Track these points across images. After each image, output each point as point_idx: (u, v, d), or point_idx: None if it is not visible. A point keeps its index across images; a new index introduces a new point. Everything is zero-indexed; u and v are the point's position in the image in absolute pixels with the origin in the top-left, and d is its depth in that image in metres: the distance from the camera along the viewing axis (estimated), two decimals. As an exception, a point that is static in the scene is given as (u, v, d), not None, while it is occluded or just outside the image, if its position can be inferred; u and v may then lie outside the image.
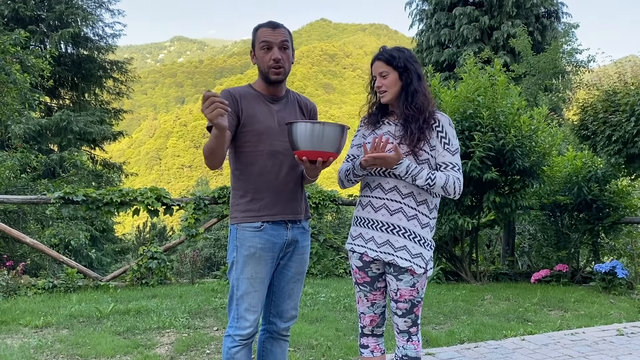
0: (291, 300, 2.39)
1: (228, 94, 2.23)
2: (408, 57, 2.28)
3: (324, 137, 2.03)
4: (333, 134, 2.04)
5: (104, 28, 19.34)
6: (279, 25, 2.24)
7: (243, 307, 2.23)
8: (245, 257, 2.22)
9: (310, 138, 2.03)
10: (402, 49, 2.32)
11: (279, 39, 2.20)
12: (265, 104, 2.29)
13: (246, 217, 2.24)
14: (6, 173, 10.04)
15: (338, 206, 7.80)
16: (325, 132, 2.03)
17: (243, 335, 2.23)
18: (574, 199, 7.09)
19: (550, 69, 14.21)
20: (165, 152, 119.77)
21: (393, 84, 2.27)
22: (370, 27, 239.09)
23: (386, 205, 2.27)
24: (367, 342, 2.43)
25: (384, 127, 2.35)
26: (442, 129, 2.26)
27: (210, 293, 5.72)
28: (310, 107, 2.45)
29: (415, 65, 2.28)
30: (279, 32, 2.21)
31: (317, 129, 2.03)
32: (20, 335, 4.04)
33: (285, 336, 2.45)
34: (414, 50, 20.77)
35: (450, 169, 2.24)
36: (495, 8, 18.24)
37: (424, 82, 2.31)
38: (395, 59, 2.26)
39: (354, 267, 2.40)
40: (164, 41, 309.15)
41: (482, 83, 6.49)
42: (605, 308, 5.35)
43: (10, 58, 9.32)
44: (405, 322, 2.30)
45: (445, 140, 2.25)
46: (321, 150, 2.04)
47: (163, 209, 6.66)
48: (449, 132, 2.27)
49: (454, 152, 2.26)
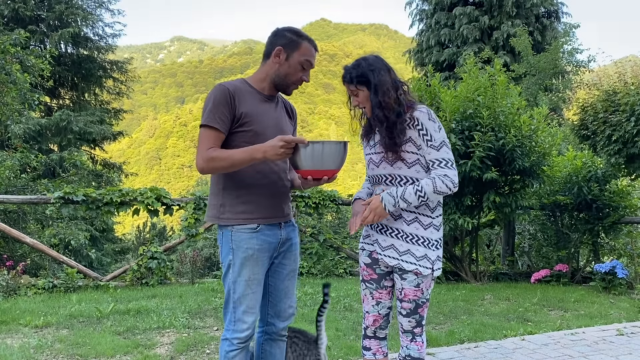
0: (288, 298, 2.39)
1: (226, 91, 2.15)
2: (365, 68, 2.23)
3: (324, 155, 2.07)
4: (334, 152, 2.10)
5: (104, 28, 19.36)
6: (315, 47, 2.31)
7: (241, 310, 2.20)
8: (243, 259, 2.19)
9: (311, 157, 2.06)
10: (360, 62, 2.26)
11: (314, 63, 2.28)
12: (262, 103, 2.25)
13: (241, 219, 2.19)
14: (6, 173, 10.03)
15: (338, 206, 7.80)
16: (325, 151, 2.07)
17: (241, 338, 2.21)
18: (574, 199, 7.09)
19: (551, 69, 14.22)
20: (165, 152, 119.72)
21: (365, 99, 2.26)
22: (370, 27, 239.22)
23: None
24: (369, 345, 2.42)
25: (375, 136, 2.34)
26: (421, 126, 2.19)
27: (210, 293, 5.72)
28: (294, 109, 2.49)
29: (373, 75, 2.21)
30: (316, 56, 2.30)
31: (317, 148, 2.06)
32: (20, 335, 4.03)
33: (284, 336, 2.45)
34: (413, 51, 20.76)
35: (437, 166, 2.18)
36: (495, 8, 18.24)
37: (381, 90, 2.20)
38: (353, 78, 2.24)
39: (362, 264, 2.41)
40: (164, 41, 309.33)
41: (482, 83, 6.49)
42: (605, 308, 5.35)
43: (10, 58, 9.32)
44: (409, 322, 2.30)
45: (427, 137, 2.19)
46: (324, 169, 2.10)
47: (163, 209, 6.66)
48: (429, 127, 2.19)
49: (439, 147, 2.19)
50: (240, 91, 2.19)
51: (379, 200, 2.18)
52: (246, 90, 2.22)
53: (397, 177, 2.26)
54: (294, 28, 2.28)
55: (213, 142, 2.12)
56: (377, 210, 2.18)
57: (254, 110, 2.20)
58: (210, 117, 2.12)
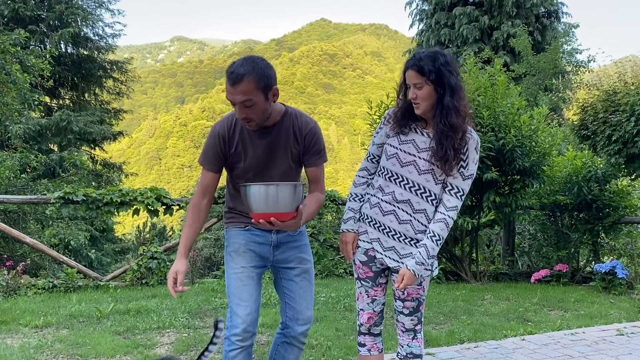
0: (303, 299, 2.38)
1: (217, 136, 2.22)
2: (443, 66, 2.09)
3: (278, 198, 1.99)
4: (288, 194, 2.00)
5: (104, 28, 19.40)
6: (238, 80, 2.01)
7: (234, 302, 2.26)
8: (231, 252, 2.33)
9: (265, 200, 1.99)
10: (437, 56, 2.10)
11: (238, 99, 2.03)
12: (254, 137, 2.22)
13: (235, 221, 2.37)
14: (6, 173, 10.02)
15: (338, 206, 7.80)
16: (280, 194, 1.99)
17: (237, 335, 2.22)
18: (574, 199, 7.09)
19: (551, 69, 14.22)
20: (165, 152, 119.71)
21: (427, 96, 2.11)
22: (370, 27, 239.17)
23: (396, 214, 2.22)
24: (364, 341, 2.42)
25: (411, 134, 2.22)
26: (465, 152, 2.14)
27: (210, 293, 5.72)
28: (306, 131, 2.25)
29: (450, 76, 2.09)
30: (238, 90, 2.02)
31: (271, 191, 1.99)
32: (20, 335, 4.03)
33: (302, 343, 2.42)
34: (414, 51, 20.78)
35: (453, 193, 2.16)
36: (495, 8, 18.25)
37: (458, 95, 2.11)
38: (429, 72, 2.08)
39: (357, 261, 2.35)
40: (164, 41, 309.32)
41: (482, 83, 6.49)
42: (605, 308, 5.35)
43: (10, 58, 9.32)
44: (411, 320, 2.31)
45: (464, 164, 2.15)
46: (277, 212, 2.00)
47: (163, 208, 6.66)
48: (471, 157, 2.15)
49: (466, 177, 2.17)
50: (232, 131, 2.23)
51: (412, 275, 2.15)
52: (238, 127, 2.23)
53: (416, 185, 2.20)
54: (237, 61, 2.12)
55: (207, 180, 2.28)
56: (412, 283, 2.17)
57: (243, 148, 2.24)
58: (204, 157, 2.28)
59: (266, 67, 2.06)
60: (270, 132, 2.22)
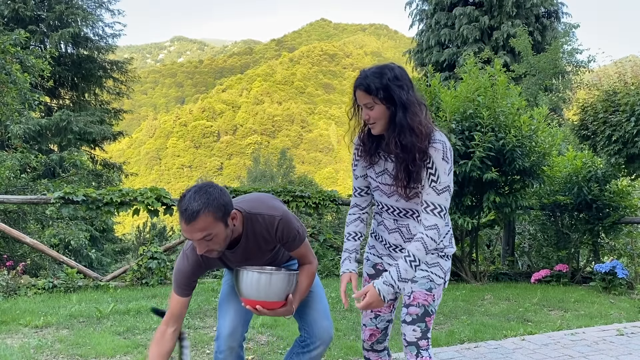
0: (312, 309, 2.32)
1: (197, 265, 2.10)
2: (392, 81, 1.93)
3: (270, 287, 1.94)
4: (281, 284, 1.95)
5: (104, 28, 19.42)
6: (194, 217, 1.84)
7: (221, 315, 2.30)
8: None
9: (256, 288, 1.94)
10: (384, 72, 1.95)
11: (197, 236, 1.88)
12: (226, 254, 2.11)
13: None
14: (6, 173, 10.03)
15: (338, 206, 7.80)
16: (272, 283, 1.94)
17: (221, 338, 2.25)
18: (574, 199, 7.09)
19: (551, 69, 14.23)
20: (165, 152, 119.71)
21: (380, 116, 1.96)
22: (370, 27, 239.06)
23: (400, 231, 2.16)
24: (368, 355, 2.36)
25: (381, 162, 2.09)
26: (432, 165, 1.95)
27: (210, 293, 5.72)
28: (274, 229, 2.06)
29: (400, 92, 1.93)
30: (196, 227, 1.85)
31: (264, 279, 1.93)
32: (20, 335, 4.03)
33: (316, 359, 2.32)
34: (413, 51, 20.77)
35: (430, 211, 1.95)
36: (495, 8, 18.27)
37: (411, 111, 1.94)
38: (376, 90, 1.93)
39: (365, 274, 2.30)
40: (164, 41, 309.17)
41: (482, 83, 6.49)
42: (605, 308, 5.34)
43: (10, 58, 9.32)
44: (414, 330, 2.06)
45: (434, 178, 1.95)
46: (266, 301, 1.95)
47: (163, 209, 6.66)
48: (440, 168, 1.95)
49: (441, 191, 1.95)
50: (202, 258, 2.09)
51: (376, 294, 1.97)
52: None
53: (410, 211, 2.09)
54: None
55: (174, 304, 2.12)
56: (374, 304, 1.99)
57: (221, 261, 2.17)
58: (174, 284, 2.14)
59: (220, 194, 1.90)
60: (238, 245, 2.08)
